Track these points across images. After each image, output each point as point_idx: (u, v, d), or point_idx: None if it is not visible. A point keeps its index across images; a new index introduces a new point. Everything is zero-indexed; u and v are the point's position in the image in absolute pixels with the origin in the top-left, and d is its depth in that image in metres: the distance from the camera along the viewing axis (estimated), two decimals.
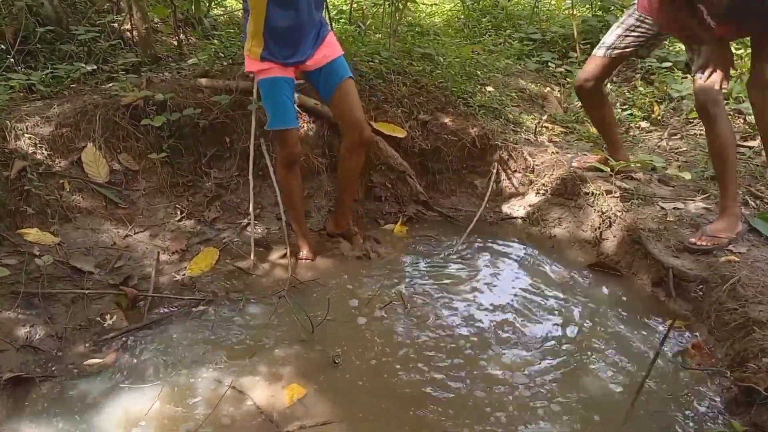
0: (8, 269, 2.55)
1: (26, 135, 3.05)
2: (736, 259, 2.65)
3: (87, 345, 2.42)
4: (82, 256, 2.83)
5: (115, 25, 4.19)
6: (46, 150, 3.08)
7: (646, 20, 2.89)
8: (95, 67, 3.67)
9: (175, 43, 4.22)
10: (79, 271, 2.75)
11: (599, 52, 3.09)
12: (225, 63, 3.77)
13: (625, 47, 3.00)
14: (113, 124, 3.29)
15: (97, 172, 3.17)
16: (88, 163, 3.16)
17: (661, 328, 2.58)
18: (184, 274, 2.91)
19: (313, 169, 3.56)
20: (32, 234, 2.80)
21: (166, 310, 2.67)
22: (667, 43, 5.09)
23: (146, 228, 3.13)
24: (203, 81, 3.59)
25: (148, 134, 3.37)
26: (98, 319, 2.55)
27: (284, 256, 3.08)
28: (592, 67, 3.13)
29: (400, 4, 4.76)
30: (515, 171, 3.73)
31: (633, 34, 2.96)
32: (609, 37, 3.06)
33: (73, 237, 2.93)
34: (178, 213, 3.26)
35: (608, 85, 4.59)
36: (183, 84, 3.56)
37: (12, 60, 3.60)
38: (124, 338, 2.47)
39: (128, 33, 4.20)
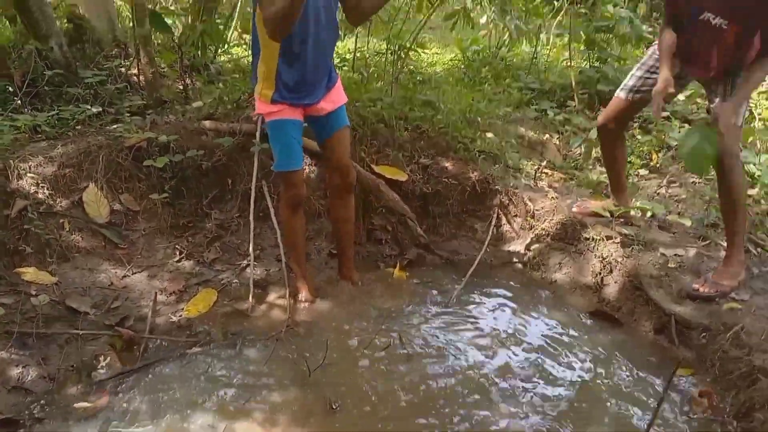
0: (4, 308, 2.53)
1: (29, 174, 3.07)
2: (739, 306, 2.62)
3: (79, 387, 2.38)
4: (78, 296, 2.81)
5: (123, 69, 4.26)
6: (47, 189, 3.10)
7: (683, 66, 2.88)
8: (101, 109, 3.72)
9: (181, 87, 4.28)
10: (75, 311, 2.72)
11: (621, 94, 3.08)
12: (229, 106, 3.82)
13: (648, 89, 2.93)
14: (116, 164, 3.32)
15: (97, 212, 3.17)
16: (89, 203, 3.17)
17: (664, 375, 2.53)
18: (181, 316, 2.88)
19: (314, 212, 3.57)
20: (30, 273, 2.79)
21: (161, 352, 2.63)
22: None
23: (145, 268, 3.12)
24: (207, 123, 3.63)
25: (150, 175, 3.39)
26: (92, 360, 2.51)
27: (283, 297, 3.05)
28: (614, 108, 3.12)
29: (402, 54, 4.85)
30: (515, 215, 3.74)
31: (654, 75, 2.88)
32: (630, 80, 3.05)
33: (70, 276, 2.91)
34: (178, 254, 3.25)
35: None
36: (187, 126, 3.61)
37: (19, 102, 3.65)
38: (117, 380, 2.43)
39: (135, 77, 4.27)
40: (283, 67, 2.73)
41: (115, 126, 3.58)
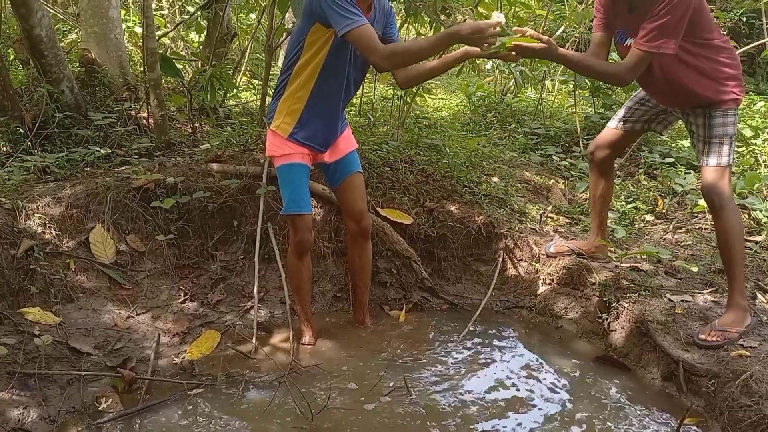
0: (7, 348, 2.51)
1: (36, 215, 3.09)
2: (748, 353, 2.58)
3: (80, 429, 2.34)
4: (81, 337, 2.80)
5: (132, 112, 4.34)
6: (54, 230, 3.11)
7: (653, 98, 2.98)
8: (110, 151, 3.77)
9: (189, 130, 4.34)
10: (77, 351, 2.70)
11: (612, 123, 3.16)
12: (236, 149, 3.87)
13: (636, 120, 3.07)
14: (123, 205, 3.33)
15: (103, 252, 3.18)
16: (95, 244, 3.18)
17: (672, 423, 2.49)
18: (183, 357, 2.85)
19: (319, 254, 3.56)
20: (34, 313, 2.78)
21: (163, 393, 2.60)
22: (668, 140, 5.22)
23: (148, 309, 3.11)
24: (214, 165, 3.67)
25: (157, 216, 3.41)
26: (93, 402, 2.48)
27: (287, 340, 3.03)
28: (605, 137, 3.18)
29: (408, 98, 4.92)
30: (521, 260, 3.73)
31: (643, 107, 3.03)
32: (621, 110, 3.14)
33: (74, 317, 2.90)
34: (182, 294, 3.24)
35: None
36: (194, 168, 3.64)
37: (29, 143, 3.71)
38: (118, 422, 2.39)
39: (144, 120, 4.34)
40: (311, 105, 2.74)
41: (123, 167, 3.62)
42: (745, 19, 7.20)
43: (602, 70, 2.79)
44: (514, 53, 2.44)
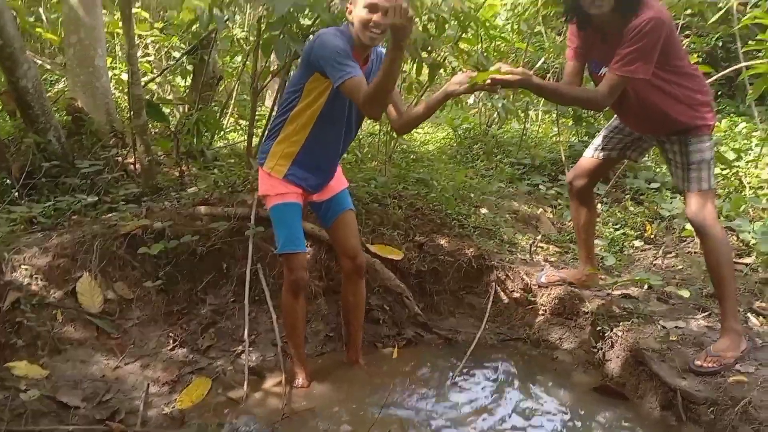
0: None
1: (23, 266, 3.06)
2: (745, 379, 2.57)
3: None
4: (69, 390, 2.75)
5: (119, 158, 4.33)
6: (41, 281, 3.07)
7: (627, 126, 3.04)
8: (97, 198, 3.75)
9: (177, 174, 4.34)
10: (65, 405, 2.65)
11: (588, 152, 3.21)
12: (224, 191, 3.86)
13: (612, 148, 3.12)
14: (110, 253, 3.30)
15: (91, 302, 3.14)
16: (83, 293, 3.14)
17: None
18: (173, 407, 2.79)
19: (310, 294, 3.54)
20: (20, 368, 2.72)
21: None
22: (653, 164, 5.27)
23: (137, 358, 3.06)
24: (202, 209, 3.65)
25: (144, 262, 3.38)
26: None
27: (279, 383, 2.99)
28: (582, 166, 3.23)
29: (394, 133, 4.95)
30: (513, 291, 3.71)
31: (618, 135, 3.09)
32: (597, 138, 3.19)
33: (62, 369, 2.85)
34: (171, 341, 3.20)
35: (599, 205, 4.69)
36: (182, 212, 3.63)
37: (16, 194, 3.69)
38: None
39: (131, 165, 4.33)
40: (308, 150, 2.76)
41: (110, 214, 3.60)
42: (721, 44, 7.34)
43: (578, 96, 2.85)
44: (491, 85, 2.51)
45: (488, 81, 2.49)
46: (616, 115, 3.10)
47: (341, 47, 2.48)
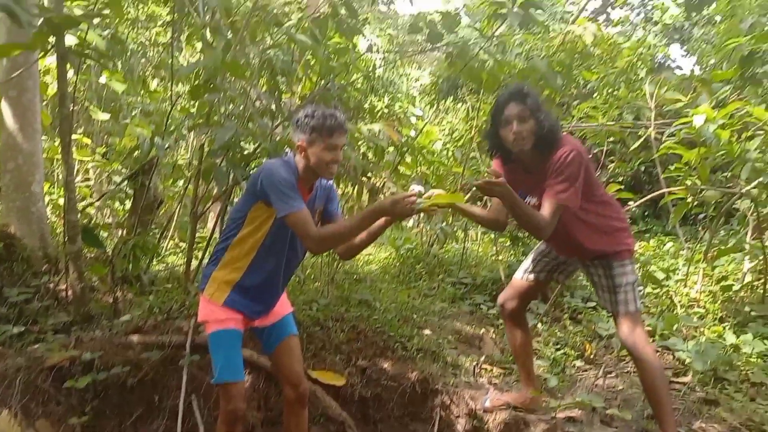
0: None
1: None
2: None
3: None
4: None
5: (51, 285, 4.19)
6: None
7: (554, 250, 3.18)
8: (23, 328, 3.58)
9: (111, 300, 4.21)
10: None
11: (518, 275, 3.32)
12: (159, 318, 3.75)
13: (540, 271, 3.24)
14: (34, 387, 3.11)
15: None
16: None
17: None
18: None
19: (247, 425, 3.38)
20: None
21: None
22: (588, 284, 5.42)
23: None
24: (135, 337, 3.53)
25: (70, 396, 3.18)
26: None
27: None
28: (512, 289, 3.33)
29: (336, 255, 4.98)
30: (458, 416, 3.63)
31: (545, 259, 3.23)
32: (526, 262, 3.32)
33: None
34: None
35: (539, 325, 4.75)
36: (113, 341, 3.48)
37: None
38: None
39: (63, 293, 4.18)
40: (249, 277, 2.73)
41: (36, 345, 3.42)
42: (644, 168, 7.85)
43: (532, 218, 2.84)
44: (433, 210, 2.61)
45: (432, 207, 2.56)
46: (543, 240, 3.25)
47: (287, 179, 2.55)
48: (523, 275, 3.29)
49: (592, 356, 4.29)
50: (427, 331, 4.41)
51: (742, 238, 5.43)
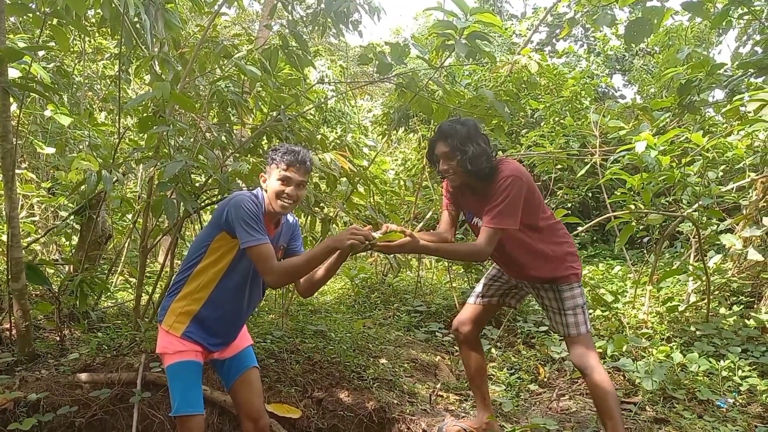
0: None
1: None
2: None
3: None
4: None
5: None
6: None
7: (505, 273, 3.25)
8: None
9: (58, 338, 4.08)
10: None
11: (470, 299, 3.39)
12: (108, 355, 3.65)
13: (492, 295, 3.33)
14: None
15: None
16: None
17: None
18: None
19: None
20: None
21: None
22: (540, 309, 5.52)
23: None
24: (83, 376, 3.42)
25: None
26: None
27: None
28: (466, 313, 3.39)
29: (290, 286, 4.96)
30: None
31: (497, 282, 3.32)
32: (478, 287, 3.40)
33: None
34: None
35: (493, 350, 4.80)
36: (60, 381, 3.38)
37: None
38: None
39: (6, 332, 4.04)
40: (210, 309, 2.69)
41: None
42: (591, 194, 8.08)
43: (460, 251, 3.08)
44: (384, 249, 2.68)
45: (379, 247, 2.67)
46: (494, 264, 3.33)
47: (254, 212, 2.57)
48: (475, 300, 3.36)
49: (545, 379, 4.35)
50: (383, 360, 4.40)
51: (686, 260, 5.63)
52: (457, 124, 2.94)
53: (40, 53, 5.69)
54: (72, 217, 4.76)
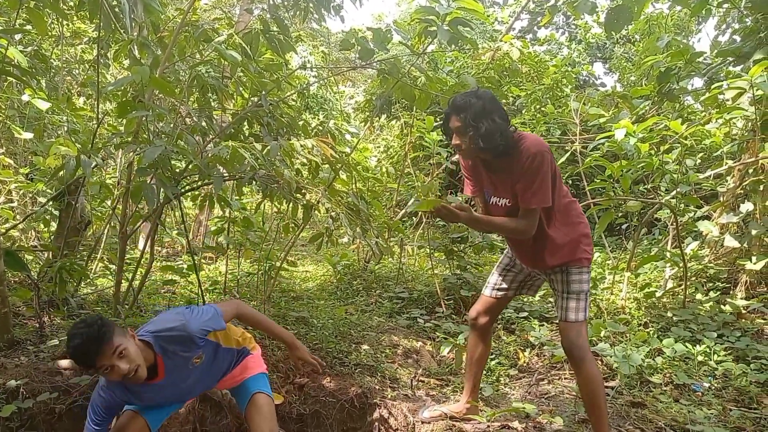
0: None
1: None
2: None
3: None
4: None
5: None
6: None
7: (518, 261, 3.17)
8: None
9: (37, 325, 4.04)
10: None
11: (486, 291, 3.31)
12: None
13: (508, 288, 3.24)
14: None
15: None
16: None
17: None
18: None
19: None
20: None
21: None
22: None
23: None
24: (63, 362, 3.40)
25: None
26: None
27: None
28: (481, 305, 3.31)
29: (272, 273, 4.95)
30: (396, 429, 3.66)
31: (510, 274, 3.23)
32: (491, 277, 3.31)
33: None
34: None
35: None
36: (40, 367, 3.36)
37: None
38: None
39: None
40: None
41: None
42: (571, 182, 8.14)
43: (509, 227, 2.92)
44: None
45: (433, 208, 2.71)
46: (506, 252, 3.28)
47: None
48: (492, 292, 3.28)
49: (525, 364, 4.40)
50: (365, 346, 4.43)
51: (663, 247, 5.70)
52: (472, 97, 2.80)
53: (17, 37, 5.59)
54: (51, 203, 4.71)
